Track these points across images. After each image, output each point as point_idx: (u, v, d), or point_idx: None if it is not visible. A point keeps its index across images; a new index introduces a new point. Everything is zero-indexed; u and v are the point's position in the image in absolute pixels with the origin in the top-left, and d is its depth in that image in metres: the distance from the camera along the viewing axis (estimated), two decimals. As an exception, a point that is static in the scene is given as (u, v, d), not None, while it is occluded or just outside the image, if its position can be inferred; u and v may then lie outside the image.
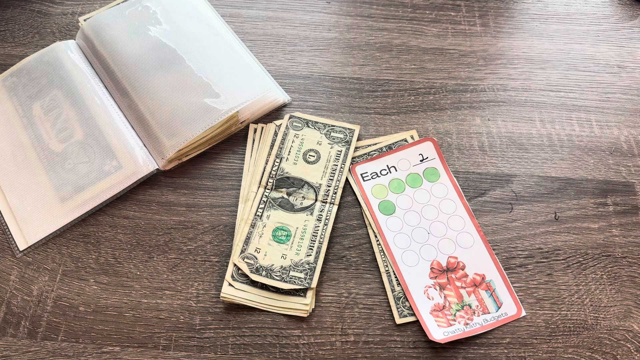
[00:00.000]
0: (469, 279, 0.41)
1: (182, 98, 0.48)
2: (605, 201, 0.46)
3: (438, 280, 0.41)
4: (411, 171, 0.45)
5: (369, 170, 0.45)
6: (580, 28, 0.57)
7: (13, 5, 0.59)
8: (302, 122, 0.48)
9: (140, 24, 0.53)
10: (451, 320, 0.39)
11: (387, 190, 0.44)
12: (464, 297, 0.40)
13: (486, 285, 0.41)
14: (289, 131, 0.47)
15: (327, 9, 0.59)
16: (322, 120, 0.48)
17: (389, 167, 0.45)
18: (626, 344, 0.40)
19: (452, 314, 0.39)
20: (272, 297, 0.41)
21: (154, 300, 0.42)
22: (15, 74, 0.52)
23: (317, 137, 0.47)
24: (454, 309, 0.40)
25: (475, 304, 0.40)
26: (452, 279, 0.41)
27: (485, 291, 0.40)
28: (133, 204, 0.46)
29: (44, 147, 0.48)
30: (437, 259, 0.42)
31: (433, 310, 0.40)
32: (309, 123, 0.48)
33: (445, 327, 0.39)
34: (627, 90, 0.53)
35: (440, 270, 0.41)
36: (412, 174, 0.45)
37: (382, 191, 0.44)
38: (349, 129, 0.48)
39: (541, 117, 0.51)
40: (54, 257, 0.44)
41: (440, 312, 0.39)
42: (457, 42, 0.56)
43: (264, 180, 0.45)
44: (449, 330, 0.39)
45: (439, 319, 0.39)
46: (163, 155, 0.46)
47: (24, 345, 0.40)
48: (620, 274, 0.43)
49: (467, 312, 0.40)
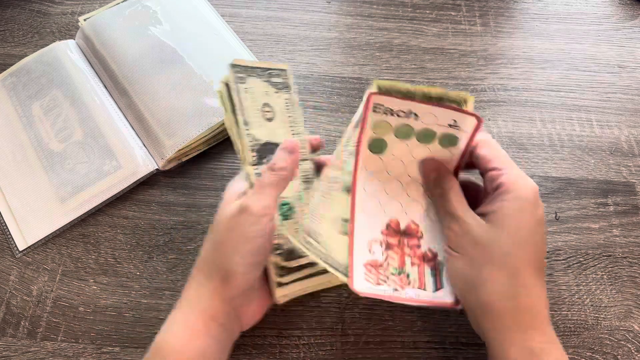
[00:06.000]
0: (419, 251, 0.37)
1: (182, 98, 0.48)
2: (606, 201, 0.46)
3: (388, 239, 0.37)
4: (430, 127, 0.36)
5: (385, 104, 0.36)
6: (580, 28, 0.57)
7: (13, 5, 0.59)
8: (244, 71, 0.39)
9: (140, 23, 0.53)
10: (382, 280, 0.36)
11: (391, 131, 0.36)
12: (406, 266, 0.37)
13: (434, 265, 0.37)
14: (237, 86, 0.39)
15: (327, 8, 0.59)
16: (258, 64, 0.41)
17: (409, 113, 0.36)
18: (627, 344, 0.40)
19: (385, 276, 0.36)
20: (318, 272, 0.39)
21: (153, 301, 0.42)
22: (15, 74, 0.52)
23: (262, 86, 0.40)
24: (390, 271, 0.37)
25: (414, 277, 0.37)
26: (403, 243, 0.37)
27: (431, 269, 0.37)
28: (133, 204, 0.46)
29: (44, 147, 0.48)
30: (398, 218, 0.38)
31: (367, 264, 0.36)
32: (249, 69, 0.40)
33: (373, 283, 0.36)
34: (628, 90, 0.53)
35: (395, 231, 0.38)
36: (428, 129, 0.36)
37: (385, 129, 0.36)
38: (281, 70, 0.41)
39: (542, 117, 0.51)
40: (54, 257, 0.44)
41: (374, 269, 0.36)
42: (458, 42, 0.56)
43: (248, 157, 0.38)
44: (374, 287, 0.36)
45: (369, 273, 0.36)
46: (163, 155, 0.46)
47: (24, 346, 0.40)
48: (621, 274, 0.43)
49: (402, 280, 0.36)
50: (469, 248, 0.32)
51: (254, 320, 0.37)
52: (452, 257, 0.33)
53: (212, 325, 0.33)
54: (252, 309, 0.36)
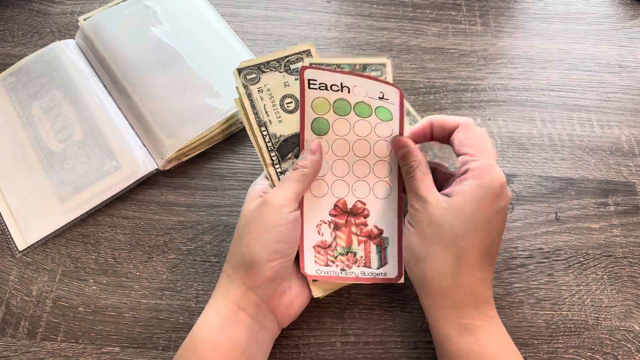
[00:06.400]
0: (365, 229, 0.39)
1: (181, 98, 0.48)
2: (606, 201, 0.46)
3: (336, 220, 0.38)
4: (364, 100, 0.38)
5: (319, 79, 0.37)
6: (581, 28, 0.57)
7: (12, 4, 0.59)
8: (255, 70, 0.40)
9: (140, 23, 0.53)
10: (330, 260, 0.38)
11: (330, 108, 0.38)
12: (353, 244, 0.38)
13: (380, 241, 0.38)
14: (249, 89, 0.39)
15: (327, 8, 0.58)
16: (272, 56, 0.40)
17: (342, 86, 0.37)
18: (627, 344, 0.40)
19: (334, 256, 0.38)
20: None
21: (153, 301, 0.41)
22: (15, 74, 0.52)
23: (279, 78, 0.40)
24: (338, 252, 0.38)
25: (361, 254, 0.38)
26: (350, 223, 0.39)
27: (377, 246, 0.38)
28: (132, 204, 0.46)
29: (44, 147, 0.48)
30: (345, 198, 0.39)
31: (317, 246, 0.38)
32: (261, 66, 0.40)
33: (322, 265, 0.37)
34: (628, 89, 0.53)
35: (343, 211, 0.39)
36: (363, 103, 0.38)
37: (324, 107, 0.38)
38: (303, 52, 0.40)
39: (542, 116, 0.51)
40: (54, 257, 0.44)
41: (322, 250, 0.38)
42: (458, 42, 0.56)
43: (267, 158, 0.39)
44: (322, 268, 0.37)
45: (318, 255, 0.38)
46: (163, 155, 0.46)
47: (24, 346, 0.40)
48: (621, 274, 0.43)
49: (350, 260, 0.38)
50: (424, 225, 0.34)
51: (289, 316, 0.37)
52: (409, 231, 0.35)
53: (242, 316, 0.34)
54: (285, 303, 0.36)
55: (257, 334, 0.34)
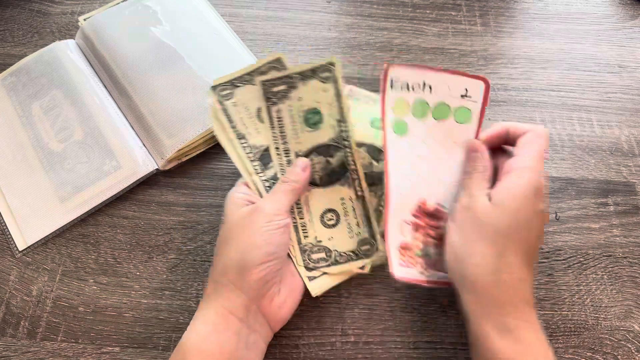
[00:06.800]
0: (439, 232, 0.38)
1: (182, 98, 0.48)
2: (606, 201, 0.46)
3: (417, 221, 0.39)
4: (445, 100, 0.38)
5: (401, 77, 0.37)
6: (581, 28, 0.57)
7: (12, 4, 0.59)
8: (230, 86, 0.40)
9: (140, 23, 0.53)
10: (411, 263, 0.38)
11: (409, 110, 0.38)
12: (428, 247, 0.38)
13: None
14: (224, 104, 0.40)
15: (327, 8, 0.59)
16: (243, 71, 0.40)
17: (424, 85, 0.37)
18: (627, 344, 0.40)
19: (413, 258, 0.38)
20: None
21: (153, 301, 0.41)
22: (15, 74, 0.52)
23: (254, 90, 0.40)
24: (416, 252, 0.38)
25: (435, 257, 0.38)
26: (427, 225, 0.39)
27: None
28: (132, 204, 0.46)
29: (44, 147, 0.48)
30: (427, 199, 0.39)
31: (400, 247, 0.38)
32: (234, 82, 0.40)
33: (404, 267, 0.38)
34: (628, 90, 0.53)
35: (424, 212, 0.39)
36: (443, 104, 0.38)
37: (403, 108, 0.38)
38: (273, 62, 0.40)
39: (542, 116, 0.51)
40: (54, 257, 0.44)
41: (404, 251, 0.38)
42: (458, 42, 0.56)
43: (249, 167, 0.40)
44: (406, 270, 0.38)
45: (402, 257, 0.38)
46: (163, 155, 0.46)
47: (24, 346, 0.40)
48: (621, 274, 0.43)
49: (427, 262, 0.38)
50: (468, 222, 0.34)
51: (280, 320, 0.37)
52: (450, 229, 0.35)
53: (231, 320, 0.34)
54: (275, 306, 0.36)
55: (247, 337, 0.34)
